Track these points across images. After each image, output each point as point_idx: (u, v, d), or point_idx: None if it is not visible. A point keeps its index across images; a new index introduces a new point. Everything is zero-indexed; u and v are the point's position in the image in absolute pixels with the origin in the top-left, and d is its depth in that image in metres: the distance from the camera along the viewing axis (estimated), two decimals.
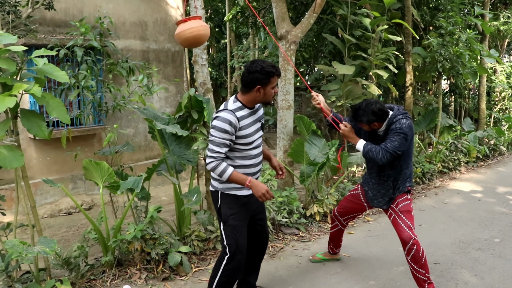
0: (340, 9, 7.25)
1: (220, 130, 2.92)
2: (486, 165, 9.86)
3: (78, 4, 7.95)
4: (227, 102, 3.10)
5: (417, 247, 3.43)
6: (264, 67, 2.95)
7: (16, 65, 3.27)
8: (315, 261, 4.44)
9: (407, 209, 3.58)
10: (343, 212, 4.07)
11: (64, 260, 3.76)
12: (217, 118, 2.96)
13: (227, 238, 3.13)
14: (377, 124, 3.44)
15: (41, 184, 7.65)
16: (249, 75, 2.98)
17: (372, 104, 3.38)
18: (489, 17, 11.37)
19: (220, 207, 3.17)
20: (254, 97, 3.05)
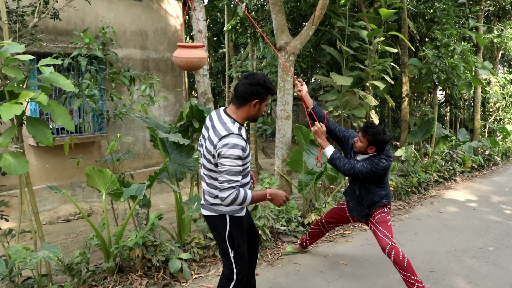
0: (339, 21, 7.39)
1: (235, 158, 2.66)
2: (481, 175, 9.98)
3: (79, 13, 8.04)
4: (225, 123, 2.76)
5: (395, 252, 3.66)
6: (266, 81, 2.78)
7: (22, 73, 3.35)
8: (285, 254, 4.83)
9: (383, 220, 3.89)
10: (329, 221, 4.45)
11: (66, 266, 3.81)
12: (228, 146, 2.65)
13: (238, 265, 2.97)
14: (374, 149, 3.72)
15: (40, 191, 7.70)
16: (250, 86, 2.74)
17: (385, 135, 3.69)
18: (483, 29, 11.56)
19: (230, 232, 2.92)
20: (248, 112, 2.82)
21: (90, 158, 8.05)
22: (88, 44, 4.26)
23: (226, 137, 2.68)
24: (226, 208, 2.86)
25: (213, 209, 2.92)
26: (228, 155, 2.65)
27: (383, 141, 3.67)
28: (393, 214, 6.61)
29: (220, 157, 2.68)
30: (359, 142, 3.74)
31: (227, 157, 2.65)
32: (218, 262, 4.56)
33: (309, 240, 4.73)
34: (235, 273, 2.95)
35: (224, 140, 2.67)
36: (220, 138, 2.69)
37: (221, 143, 2.67)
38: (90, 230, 6.79)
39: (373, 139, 3.65)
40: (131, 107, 4.69)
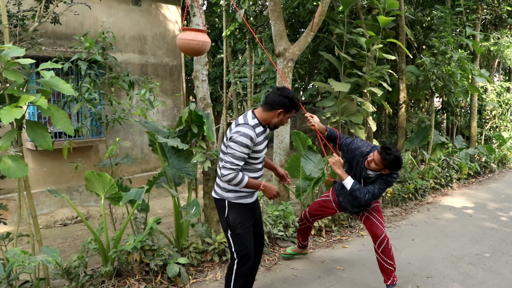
0: (337, 28, 7.44)
1: (242, 144, 3.04)
2: (477, 181, 10.02)
3: (79, 17, 8.07)
4: (246, 116, 3.20)
5: (387, 241, 3.91)
6: (294, 97, 3.18)
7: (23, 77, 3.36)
8: (285, 255, 4.86)
9: (378, 209, 4.07)
10: (313, 215, 4.49)
11: (64, 270, 3.80)
12: (239, 133, 3.05)
13: (235, 245, 3.28)
14: (388, 171, 3.70)
15: (37, 195, 7.68)
16: (279, 97, 3.14)
17: (402, 159, 3.65)
18: (480, 37, 11.64)
19: (227, 215, 3.27)
20: (272, 118, 3.20)
21: (88, 163, 8.05)
22: (88, 48, 4.28)
23: (240, 125, 3.11)
24: (227, 194, 3.26)
25: (218, 193, 3.33)
26: (237, 140, 3.04)
27: (399, 166, 3.63)
28: (390, 220, 6.63)
29: (230, 141, 3.09)
30: (373, 164, 3.66)
31: (236, 142, 3.05)
32: (215, 267, 4.57)
33: (301, 237, 4.74)
34: (235, 253, 3.28)
35: (238, 127, 3.10)
36: (237, 124, 3.15)
37: (235, 129, 3.11)
38: (87, 235, 6.77)
39: (391, 165, 3.61)
40: (130, 111, 4.70)
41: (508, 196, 8.49)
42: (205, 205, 5.05)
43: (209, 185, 4.98)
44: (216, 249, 4.65)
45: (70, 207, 8.08)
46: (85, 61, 4.35)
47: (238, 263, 3.28)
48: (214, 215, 5.03)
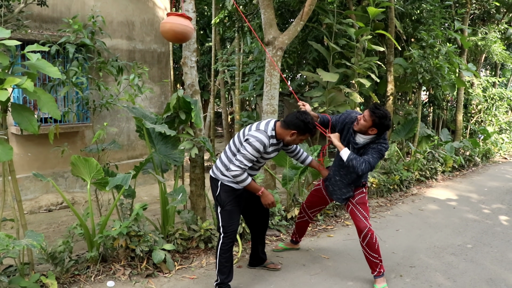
0: (327, 18, 7.43)
1: (255, 149, 3.38)
2: (461, 174, 10.16)
3: (65, 1, 7.94)
4: (268, 125, 3.52)
5: (371, 235, 3.89)
6: (310, 122, 3.48)
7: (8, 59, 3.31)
8: (277, 250, 4.84)
9: (363, 201, 4.03)
10: (309, 206, 4.53)
11: (49, 255, 3.78)
12: (256, 138, 3.38)
13: (223, 220, 3.64)
14: (375, 131, 3.71)
15: (22, 180, 7.59)
16: (296, 119, 3.46)
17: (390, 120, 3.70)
18: (468, 32, 11.73)
19: (219, 194, 3.63)
20: (285, 135, 3.52)
21: (73, 148, 7.97)
22: (77, 31, 4.21)
23: (260, 131, 3.44)
24: (222, 176, 3.61)
25: (214, 172, 3.69)
26: (252, 144, 3.37)
27: (387, 126, 3.68)
28: (375, 210, 6.70)
29: (246, 142, 3.41)
30: (363, 120, 3.69)
31: (250, 145, 3.37)
32: (201, 254, 4.58)
33: (297, 233, 4.78)
34: (221, 228, 3.64)
35: (257, 133, 3.42)
36: (257, 129, 3.47)
37: (254, 132, 3.43)
38: (72, 220, 6.72)
39: (379, 121, 3.63)
40: (117, 97, 4.66)
41: (491, 189, 8.62)
42: (191, 192, 5.04)
43: (195, 172, 4.97)
44: (202, 236, 4.65)
45: (55, 192, 8.01)
46: (73, 45, 4.29)
47: (224, 238, 3.63)
48: (200, 202, 5.03)
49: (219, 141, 17.75)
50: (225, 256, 3.64)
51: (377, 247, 3.94)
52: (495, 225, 6.10)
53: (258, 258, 4.26)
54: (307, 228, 4.80)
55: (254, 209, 4.00)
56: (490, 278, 4.30)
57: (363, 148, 3.83)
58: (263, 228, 4.16)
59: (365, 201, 4.05)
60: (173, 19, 3.86)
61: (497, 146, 13.44)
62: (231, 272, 3.72)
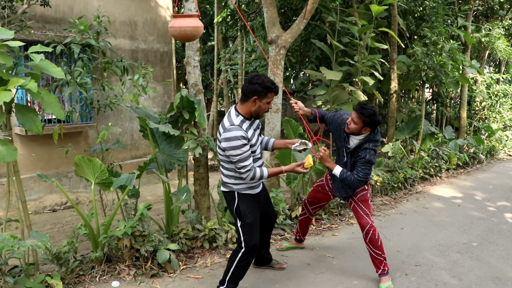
0: (330, 16, 7.40)
1: (240, 147, 3.18)
2: (466, 172, 10.12)
3: (68, 1, 7.94)
4: (230, 116, 3.28)
5: (373, 231, 3.90)
6: (265, 81, 3.22)
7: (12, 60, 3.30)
8: (281, 249, 4.82)
9: (364, 198, 4.02)
10: (311, 202, 4.51)
11: (54, 255, 3.78)
12: (229, 140, 3.16)
13: (245, 234, 3.47)
14: (368, 130, 3.73)
15: (26, 181, 7.61)
16: (249, 85, 3.24)
17: (380, 115, 3.73)
18: (471, 28, 11.67)
19: (237, 206, 3.47)
20: (250, 107, 3.28)
21: (77, 148, 7.97)
22: (82, 31, 4.21)
23: (227, 130, 3.18)
24: (235, 186, 3.44)
25: (226, 186, 3.51)
26: (233, 146, 3.16)
27: (378, 122, 3.70)
28: (380, 209, 6.68)
29: (227, 151, 3.21)
30: (353, 124, 3.70)
31: (233, 149, 3.17)
32: (206, 253, 4.58)
33: (300, 231, 4.76)
34: (242, 242, 3.46)
35: (225, 134, 3.18)
36: (224, 130, 3.21)
37: (223, 136, 3.19)
38: (76, 220, 6.74)
39: (369, 120, 3.64)
40: (122, 97, 4.66)
41: (496, 186, 8.59)
42: (195, 191, 5.03)
43: (199, 172, 4.96)
44: (207, 236, 4.65)
45: (59, 192, 8.03)
46: (78, 45, 4.29)
47: (246, 252, 3.46)
48: (204, 201, 5.03)
49: None
50: (241, 268, 3.54)
51: (380, 243, 3.94)
52: (501, 223, 6.07)
53: (263, 259, 4.24)
54: (309, 226, 4.79)
55: (261, 212, 3.87)
56: (496, 276, 4.28)
57: (355, 151, 3.84)
58: (269, 231, 4.10)
59: (367, 198, 4.04)
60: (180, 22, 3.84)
61: (502, 143, 13.38)
62: (241, 279, 3.64)
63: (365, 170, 3.75)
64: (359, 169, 3.75)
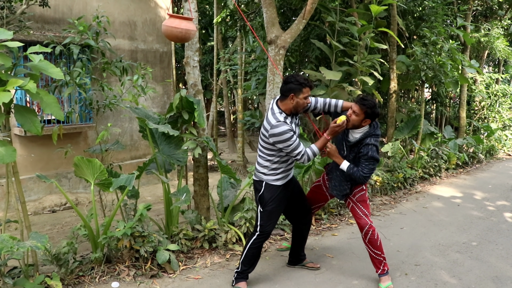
0: (329, 16, 7.40)
1: (289, 139, 3.42)
2: (465, 172, 10.12)
3: (67, 1, 7.93)
4: (275, 114, 3.51)
5: (372, 232, 3.89)
6: (298, 79, 3.49)
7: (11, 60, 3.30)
8: (281, 249, 4.79)
9: (363, 198, 4.00)
10: (309, 202, 4.39)
11: (53, 256, 3.78)
12: (278, 135, 3.40)
13: (262, 219, 3.73)
14: (369, 122, 3.75)
15: (25, 182, 7.60)
16: (285, 85, 3.51)
17: (378, 106, 3.77)
18: (470, 28, 11.68)
19: (262, 193, 3.70)
20: (289, 104, 3.53)
21: (76, 149, 7.96)
22: (82, 32, 4.20)
23: (273, 127, 3.42)
24: (265, 176, 3.69)
25: (257, 175, 3.77)
26: (282, 140, 3.41)
27: (378, 114, 3.76)
28: (379, 208, 6.68)
29: (278, 144, 3.47)
30: (354, 115, 3.70)
31: (282, 142, 3.43)
32: (205, 254, 4.58)
33: None
34: (258, 227, 3.74)
35: (272, 130, 3.42)
36: (271, 126, 3.44)
37: (271, 132, 3.43)
38: (76, 221, 6.73)
39: (371, 111, 3.67)
40: (121, 97, 4.65)
41: (495, 186, 8.59)
42: (195, 191, 5.03)
43: (199, 172, 4.96)
44: (206, 236, 4.65)
45: (58, 193, 8.02)
46: (77, 45, 4.29)
47: (259, 236, 3.74)
48: (204, 202, 5.03)
49: (222, 140, 17.75)
50: (253, 251, 3.79)
51: (380, 243, 3.93)
52: (500, 222, 6.08)
53: (298, 257, 4.34)
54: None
55: (297, 208, 4.12)
56: (495, 275, 4.28)
57: (355, 146, 3.82)
58: (305, 226, 4.24)
59: (365, 199, 4.02)
60: (173, 22, 3.86)
61: (501, 142, 13.39)
62: (254, 264, 3.89)
63: (370, 166, 3.73)
64: (364, 166, 3.74)
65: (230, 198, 5.32)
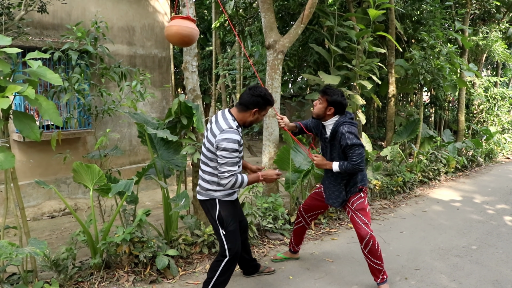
0: (327, 20, 7.43)
1: (233, 151, 3.17)
2: (465, 175, 10.12)
3: (66, 7, 7.95)
4: (227, 120, 3.27)
5: (373, 242, 3.80)
6: (267, 94, 3.31)
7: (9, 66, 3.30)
8: (276, 260, 4.66)
9: (362, 207, 3.91)
10: (307, 209, 4.39)
11: (52, 262, 3.77)
12: (227, 140, 3.14)
13: (229, 242, 3.41)
14: (333, 110, 3.78)
15: (24, 187, 7.60)
16: (252, 97, 3.28)
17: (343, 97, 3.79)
18: (468, 32, 11.72)
19: (220, 213, 3.40)
20: (247, 117, 3.34)
21: (75, 154, 7.97)
22: (80, 38, 4.21)
23: (226, 132, 3.17)
24: (216, 193, 3.38)
25: (206, 194, 3.42)
26: (228, 148, 3.14)
27: (341, 103, 3.76)
28: (378, 213, 6.67)
29: (220, 150, 3.16)
30: (318, 104, 3.81)
31: (227, 150, 3.14)
32: (205, 259, 4.56)
33: (294, 241, 4.59)
34: (227, 250, 3.41)
35: (223, 134, 3.16)
36: (222, 131, 3.18)
37: (221, 136, 3.16)
38: (75, 227, 6.72)
39: (331, 99, 3.72)
40: (120, 103, 4.66)
41: (494, 189, 8.59)
42: (194, 197, 5.03)
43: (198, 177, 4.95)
44: (206, 241, 4.64)
45: (57, 199, 8.01)
46: (76, 51, 4.29)
47: (229, 260, 3.42)
48: None
49: None
50: (225, 277, 3.47)
51: (380, 253, 3.86)
52: (500, 226, 6.07)
53: (251, 266, 4.15)
54: (304, 235, 4.61)
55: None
56: (496, 279, 4.27)
57: (333, 140, 3.81)
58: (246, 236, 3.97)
59: (365, 207, 3.93)
60: (179, 22, 3.84)
61: (500, 146, 13.40)
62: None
63: (356, 152, 3.67)
64: (350, 155, 3.71)
65: None
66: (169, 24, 3.88)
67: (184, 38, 3.91)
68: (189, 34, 3.90)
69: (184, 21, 3.87)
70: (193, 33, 3.93)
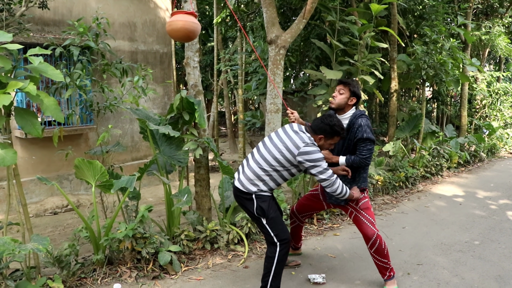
0: (329, 15, 7.39)
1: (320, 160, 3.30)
2: (467, 170, 10.11)
3: (67, 3, 7.93)
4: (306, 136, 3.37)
5: (379, 241, 3.75)
6: (336, 125, 3.42)
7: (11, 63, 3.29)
8: None
9: (366, 206, 3.86)
10: (300, 210, 4.34)
11: (55, 258, 3.77)
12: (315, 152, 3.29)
13: (274, 229, 3.45)
14: (355, 100, 3.80)
15: (27, 184, 7.61)
16: (321, 123, 3.44)
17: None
18: (471, 27, 11.66)
19: (257, 206, 3.43)
20: (315, 140, 3.44)
21: (77, 151, 7.97)
22: (81, 34, 4.20)
23: (309, 145, 3.30)
24: (253, 188, 3.41)
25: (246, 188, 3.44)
26: (318, 158, 3.28)
27: (360, 95, 3.82)
28: (381, 208, 6.67)
29: (307, 163, 3.30)
30: (340, 94, 3.76)
31: (317, 160, 3.28)
32: (207, 255, 4.57)
33: (293, 239, 4.55)
34: (274, 237, 3.43)
35: (307, 147, 3.29)
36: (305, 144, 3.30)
37: (303, 150, 3.29)
38: (77, 223, 6.74)
39: (353, 88, 3.73)
40: (121, 99, 4.65)
41: (497, 184, 8.57)
42: (196, 192, 5.02)
43: (200, 173, 4.96)
44: (208, 237, 4.64)
45: (60, 195, 8.02)
46: (77, 47, 4.28)
47: (281, 246, 3.44)
48: (205, 202, 5.02)
49: (223, 141, 17.76)
50: (282, 264, 3.49)
51: (386, 252, 3.80)
52: (503, 221, 6.06)
53: None
54: (301, 233, 4.59)
55: None
56: (498, 275, 4.27)
57: (348, 132, 3.76)
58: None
59: (369, 206, 3.88)
60: (184, 17, 3.81)
61: (503, 141, 13.37)
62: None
63: (368, 147, 3.68)
64: (361, 149, 3.70)
65: (232, 199, 5.30)
66: (173, 19, 3.83)
67: (189, 34, 3.89)
68: (195, 30, 3.89)
69: (189, 16, 3.85)
70: (197, 28, 3.92)
